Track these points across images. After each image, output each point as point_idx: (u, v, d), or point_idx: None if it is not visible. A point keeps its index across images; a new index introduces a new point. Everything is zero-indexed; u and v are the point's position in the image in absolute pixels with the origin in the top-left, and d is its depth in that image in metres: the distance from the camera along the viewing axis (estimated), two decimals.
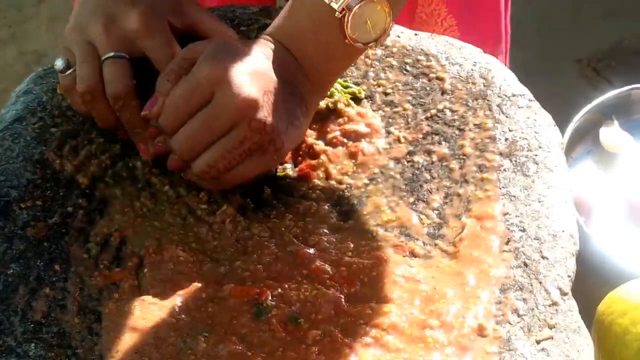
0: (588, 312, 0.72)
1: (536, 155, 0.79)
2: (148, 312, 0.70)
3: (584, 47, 2.86)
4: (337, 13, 0.74)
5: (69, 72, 0.80)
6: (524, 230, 0.73)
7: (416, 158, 0.81)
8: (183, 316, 0.69)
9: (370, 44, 0.77)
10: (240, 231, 0.77)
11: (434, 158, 0.81)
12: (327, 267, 0.73)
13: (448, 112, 0.84)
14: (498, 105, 0.84)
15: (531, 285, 0.69)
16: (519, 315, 0.68)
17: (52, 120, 0.83)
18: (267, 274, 0.73)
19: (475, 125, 0.83)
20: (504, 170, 0.78)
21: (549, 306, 0.68)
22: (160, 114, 0.75)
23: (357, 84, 0.87)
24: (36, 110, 0.83)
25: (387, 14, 0.76)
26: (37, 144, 0.80)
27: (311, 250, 0.75)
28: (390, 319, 0.68)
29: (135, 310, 0.70)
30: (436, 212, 0.77)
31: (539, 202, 0.76)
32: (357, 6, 0.73)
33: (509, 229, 0.74)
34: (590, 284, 0.77)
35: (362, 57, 0.88)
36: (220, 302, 0.70)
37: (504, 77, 0.86)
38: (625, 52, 2.83)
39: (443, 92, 0.85)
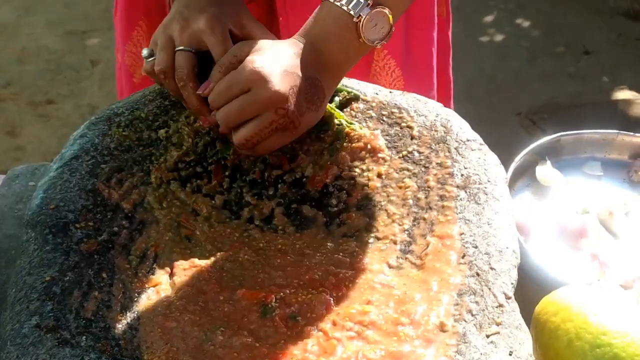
0: (527, 312, 0.72)
1: (486, 188, 0.79)
2: (176, 311, 0.69)
3: (523, 103, 2.88)
4: (354, 18, 0.80)
5: (151, 59, 0.87)
6: (476, 247, 0.73)
7: (390, 190, 0.81)
8: (204, 314, 0.69)
9: (376, 43, 0.82)
10: (252, 244, 0.77)
11: (406, 190, 0.81)
12: (317, 277, 0.73)
13: (416, 153, 0.84)
14: (455, 148, 0.84)
15: (482, 291, 0.69)
16: (472, 315, 0.67)
17: (102, 158, 0.82)
18: (272, 281, 0.73)
19: (437, 163, 0.82)
20: (460, 199, 0.78)
21: (496, 307, 0.68)
22: (210, 95, 0.81)
23: None
24: (89, 150, 0.83)
25: (389, 20, 0.82)
26: (90, 177, 0.80)
27: (307, 263, 0.75)
28: (370, 317, 0.67)
29: (166, 310, 0.70)
30: (407, 232, 0.77)
31: (488, 224, 0.76)
32: (369, 12, 0.80)
33: (464, 246, 0.73)
34: (529, 290, 0.77)
35: (349, 109, 0.88)
36: (234, 303, 0.70)
37: (459, 126, 0.86)
38: (556, 107, 2.84)
39: (412, 137, 0.85)
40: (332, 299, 0.70)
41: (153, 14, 1.14)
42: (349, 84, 0.91)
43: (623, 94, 2.94)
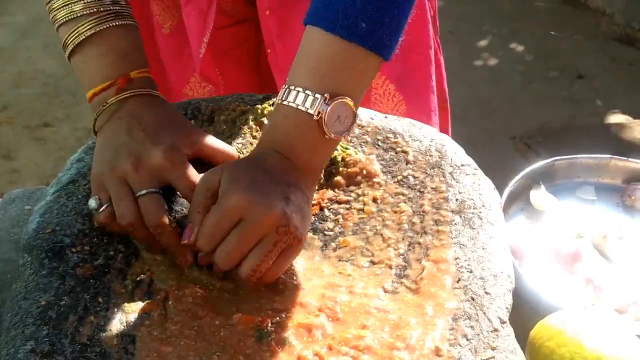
0: (522, 336, 0.72)
1: (480, 212, 0.80)
2: (172, 335, 0.69)
3: (518, 127, 2.89)
4: (314, 117, 0.73)
5: (102, 209, 0.76)
6: (471, 272, 0.73)
7: (386, 214, 0.82)
8: (200, 339, 0.69)
9: (344, 134, 0.76)
10: None
11: (401, 214, 0.81)
12: (313, 301, 0.73)
13: (411, 178, 0.85)
14: (450, 173, 0.84)
15: (477, 315, 0.69)
16: (467, 339, 0.67)
17: None
18: (269, 305, 0.73)
19: (432, 188, 0.83)
20: (455, 224, 0.79)
21: (491, 332, 0.68)
22: (197, 240, 0.72)
23: None
24: (86, 174, 0.83)
25: (352, 107, 0.75)
26: (86, 201, 0.80)
27: (303, 287, 0.75)
28: (365, 341, 0.67)
29: (162, 334, 0.69)
30: (402, 257, 0.77)
31: (483, 249, 0.76)
32: (329, 107, 0.73)
33: (459, 270, 0.74)
34: (523, 314, 0.77)
35: None
36: (230, 328, 0.70)
37: (454, 151, 0.87)
38: (550, 130, 2.86)
39: (407, 162, 0.86)
40: (327, 323, 0.70)
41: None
42: None
43: (616, 118, 2.96)
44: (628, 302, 0.84)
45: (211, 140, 0.82)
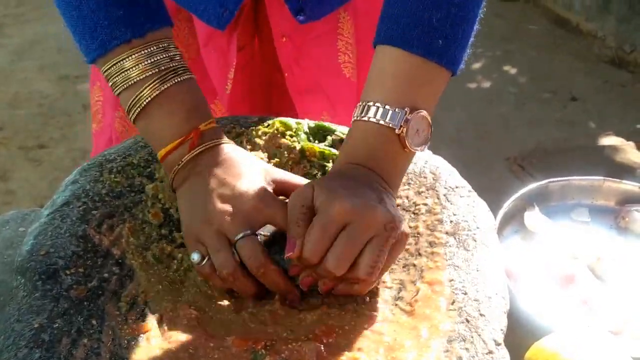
0: (517, 359, 0.72)
1: (475, 234, 0.80)
2: (166, 358, 0.69)
3: (512, 148, 2.90)
4: (397, 130, 0.76)
5: (204, 262, 0.76)
6: (465, 293, 0.73)
7: None
8: None
9: (422, 146, 0.79)
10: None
11: None
12: (307, 324, 0.73)
13: (406, 200, 0.85)
14: (444, 195, 0.84)
15: (472, 337, 0.69)
16: None
17: (93, 204, 0.82)
18: (262, 328, 0.73)
19: (426, 210, 0.83)
20: (450, 245, 0.79)
21: (486, 354, 0.68)
22: (302, 252, 0.72)
23: None
24: (80, 196, 0.83)
25: (429, 121, 0.79)
26: (81, 223, 0.80)
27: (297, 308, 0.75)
28: None
29: (156, 357, 0.69)
30: (397, 280, 0.77)
31: (477, 270, 0.76)
32: (410, 121, 0.76)
33: (453, 292, 0.74)
34: (518, 336, 0.77)
35: None
36: (224, 350, 0.69)
37: (448, 173, 0.87)
38: (544, 152, 2.87)
39: (401, 184, 0.86)
40: (322, 346, 0.70)
41: None
42: (340, 129, 0.92)
43: (609, 140, 2.98)
44: (623, 323, 0.84)
45: (284, 174, 0.82)
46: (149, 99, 0.80)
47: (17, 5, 4.27)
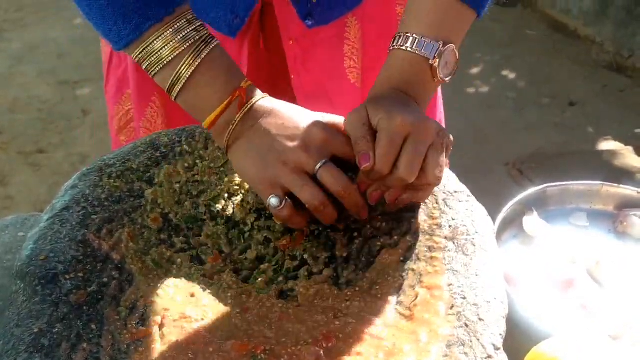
0: None
1: (474, 239, 0.80)
2: None
3: (510, 153, 2.91)
4: (430, 61, 0.84)
5: (282, 204, 0.79)
6: (464, 298, 0.73)
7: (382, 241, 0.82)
8: None
9: (448, 77, 0.86)
10: (238, 295, 0.77)
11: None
12: (306, 328, 0.73)
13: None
14: (443, 200, 0.84)
15: (471, 342, 0.69)
16: None
17: (93, 209, 0.83)
18: (261, 332, 0.73)
19: (425, 215, 0.83)
20: (448, 250, 0.79)
21: (485, 358, 0.68)
22: (375, 163, 0.77)
23: None
24: (80, 201, 0.83)
25: (456, 55, 0.86)
26: (80, 228, 0.80)
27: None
28: None
29: None
30: (396, 284, 0.77)
31: (476, 275, 0.76)
32: (443, 53, 0.84)
33: (452, 297, 0.74)
34: (517, 340, 0.77)
35: None
36: (224, 354, 0.70)
37: (447, 178, 0.87)
38: (542, 157, 2.87)
39: None
40: (322, 350, 0.70)
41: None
42: None
43: (608, 145, 2.98)
44: (622, 328, 0.84)
45: (327, 115, 0.86)
46: (189, 74, 0.81)
47: (16, 10, 4.27)
